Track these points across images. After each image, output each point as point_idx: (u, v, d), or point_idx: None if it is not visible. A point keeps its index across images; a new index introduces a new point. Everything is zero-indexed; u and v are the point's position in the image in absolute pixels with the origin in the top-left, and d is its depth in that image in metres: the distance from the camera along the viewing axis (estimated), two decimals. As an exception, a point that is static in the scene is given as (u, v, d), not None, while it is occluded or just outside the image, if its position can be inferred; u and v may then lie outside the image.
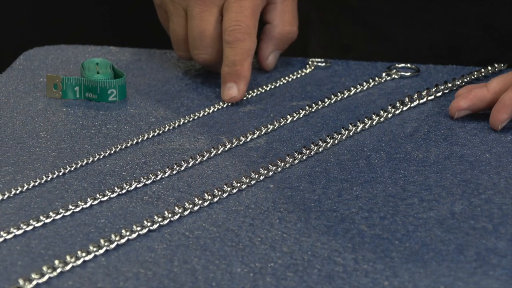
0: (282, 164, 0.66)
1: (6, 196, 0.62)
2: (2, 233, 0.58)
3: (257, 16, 0.76)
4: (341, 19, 0.89)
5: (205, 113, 0.74)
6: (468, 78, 0.79)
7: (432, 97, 0.76)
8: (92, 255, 0.56)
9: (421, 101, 0.75)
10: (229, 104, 0.76)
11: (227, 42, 0.75)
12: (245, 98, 0.77)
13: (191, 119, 0.73)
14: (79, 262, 0.56)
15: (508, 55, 0.81)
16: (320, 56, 0.85)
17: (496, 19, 0.84)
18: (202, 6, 0.75)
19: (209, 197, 0.62)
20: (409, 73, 0.80)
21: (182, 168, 0.66)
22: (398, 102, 0.75)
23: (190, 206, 0.61)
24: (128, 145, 0.69)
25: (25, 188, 0.63)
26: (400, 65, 0.81)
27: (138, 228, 0.59)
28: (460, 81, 0.78)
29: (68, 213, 0.61)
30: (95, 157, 0.67)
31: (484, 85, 0.71)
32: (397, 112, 0.74)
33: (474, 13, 0.84)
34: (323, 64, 0.82)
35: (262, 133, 0.71)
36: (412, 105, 0.75)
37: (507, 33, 0.85)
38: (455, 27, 0.85)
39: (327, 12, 0.89)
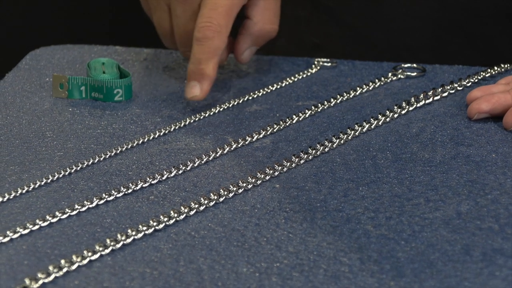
0: (288, 164, 0.66)
1: (12, 195, 0.62)
2: (8, 232, 0.58)
3: (232, 15, 0.74)
4: (314, 17, 0.88)
5: (211, 113, 0.74)
6: (474, 78, 0.79)
7: (438, 97, 0.76)
8: (98, 254, 0.57)
9: (427, 101, 0.75)
10: (235, 104, 0.76)
11: (196, 38, 0.73)
12: (251, 98, 0.77)
13: (197, 119, 0.73)
14: (85, 261, 0.56)
15: (487, 63, 0.81)
16: (288, 52, 0.84)
17: (477, 27, 0.84)
18: (184, 5, 0.74)
19: (215, 197, 0.62)
20: (415, 73, 0.80)
21: (188, 168, 0.66)
22: (404, 102, 0.75)
23: (196, 206, 0.61)
24: (134, 144, 0.69)
25: (31, 187, 0.63)
26: (406, 65, 0.81)
27: (144, 228, 0.59)
28: (467, 81, 0.78)
29: (74, 212, 0.61)
30: (101, 156, 0.67)
31: (507, 91, 0.71)
32: (403, 112, 0.74)
33: (456, 20, 0.84)
34: (329, 64, 0.82)
35: (268, 133, 0.71)
36: (418, 105, 0.75)
37: (487, 42, 0.84)
38: (435, 33, 0.85)
39: (300, 8, 0.88)
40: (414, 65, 0.81)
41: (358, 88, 0.77)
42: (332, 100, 0.76)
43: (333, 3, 0.87)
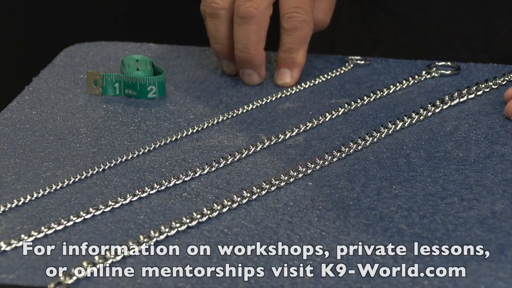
0: (321, 162, 0.66)
1: (47, 191, 0.63)
2: (43, 228, 0.59)
3: None
4: (370, 12, 0.88)
5: (244, 111, 0.74)
6: (510, 77, 0.78)
7: (473, 95, 0.75)
8: (132, 251, 0.57)
9: (461, 100, 0.75)
10: (268, 101, 0.76)
11: (284, 28, 0.75)
12: (283, 96, 0.77)
13: (229, 116, 0.73)
14: (118, 258, 0.56)
15: None
16: (347, 52, 0.85)
17: None
18: None
19: (248, 195, 0.62)
20: (449, 72, 0.80)
21: (221, 165, 0.66)
22: (438, 101, 0.74)
23: (229, 203, 0.61)
24: (167, 141, 0.70)
25: (65, 183, 0.64)
26: (440, 63, 0.80)
27: (177, 225, 0.59)
28: (502, 79, 0.77)
29: (108, 209, 0.61)
30: (135, 153, 0.68)
31: None
32: (437, 110, 0.73)
33: (507, 4, 0.83)
34: (363, 62, 0.82)
35: (301, 130, 0.71)
36: (452, 103, 0.74)
37: None
38: (488, 19, 0.84)
39: (356, 6, 0.89)
40: (449, 63, 0.80)
41: (391, 86, 0.77)
42: (365, 98, 0.76)
43: None
